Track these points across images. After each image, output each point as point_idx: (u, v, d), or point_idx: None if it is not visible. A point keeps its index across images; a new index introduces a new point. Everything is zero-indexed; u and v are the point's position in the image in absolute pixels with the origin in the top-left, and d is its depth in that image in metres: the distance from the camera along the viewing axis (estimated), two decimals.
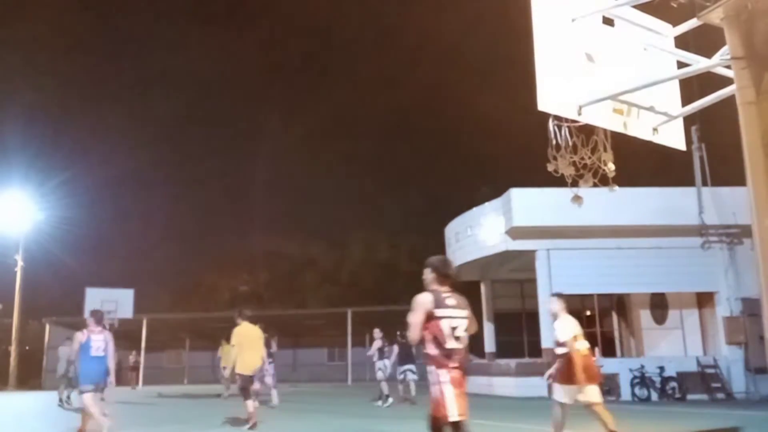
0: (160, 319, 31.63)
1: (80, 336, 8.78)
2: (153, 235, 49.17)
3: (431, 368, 4.72)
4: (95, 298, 24.16)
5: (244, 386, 10.10)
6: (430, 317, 4.71)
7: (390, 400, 14.63)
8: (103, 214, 53.89)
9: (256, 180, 57.10)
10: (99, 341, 8.79)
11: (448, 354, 4.62)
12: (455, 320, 4.70)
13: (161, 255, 45.65)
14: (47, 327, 30.10)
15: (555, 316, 7.59)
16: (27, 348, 31.49)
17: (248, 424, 9.83)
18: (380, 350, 15.16)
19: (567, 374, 7.18)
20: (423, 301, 4.75)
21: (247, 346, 10.13)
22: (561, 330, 7.33)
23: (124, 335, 25.84)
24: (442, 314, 4.67)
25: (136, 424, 12.07)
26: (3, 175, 42.18)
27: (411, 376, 15.26)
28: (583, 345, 7.32)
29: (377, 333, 15.42)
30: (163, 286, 41.61)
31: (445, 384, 4.58)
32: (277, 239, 44.99)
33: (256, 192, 54.41)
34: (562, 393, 7.27)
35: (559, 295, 7.77)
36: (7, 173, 44.54)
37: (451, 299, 4.82)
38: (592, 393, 7.26)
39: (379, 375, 14.92)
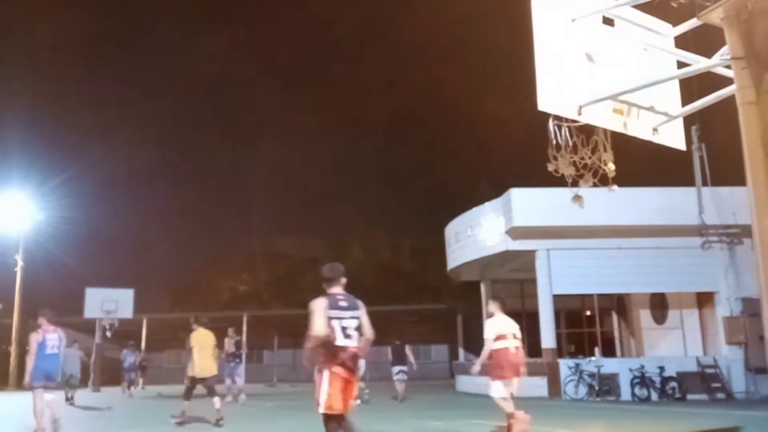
0: (160, 319, 31.62)
1: (36, 336, 9.13)
2: (153, 235, 49.21)
3: (321, 364, 5.18)
4: (95, 298, 24.20)
5: (191, 387, 10.73)
6: (326, 318, 5.15)
7: (361, 400, 14.84)
8: (103, 214, 53.95)
9: (256, 180, 57.10)
10: (53, 339, 9.18)
11: (338, 351, 5.06)
12: (346, 320, 5.19)
13: (161, 255, 45.71)
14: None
15: (490, 315, 8.34)
16: (27, 348, 31.45)
17: (176, 419, 10.65)
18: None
19: (500, 367, 8.05)
20: (319, 305, 5.20)
21: (201, 351, 10.66)
22: (486, 329, 8.19)
23: (124, 335, 25.85)
24: (335, 315, 5.15)
25: (136, 424, 12.07)
26: (3, 175, 42.20)
27: (402, 377, 16.35)
28: (509, 343, 8.08)
29: None
30: (163, 286, 41.64)
31: (329, 379, 5.08)
32: (277, 239, 45.06)
33: (256, 192, 54.43)
34: (497, 389, 8.15)
35: (497, 298, 8.63)
36: (7, 173, 44.57)
37: (344, 301, 5.31)
38: (514, 385, 8.19)
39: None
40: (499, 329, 8.17)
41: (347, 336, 5.15)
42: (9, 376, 28.71)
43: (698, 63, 11.62)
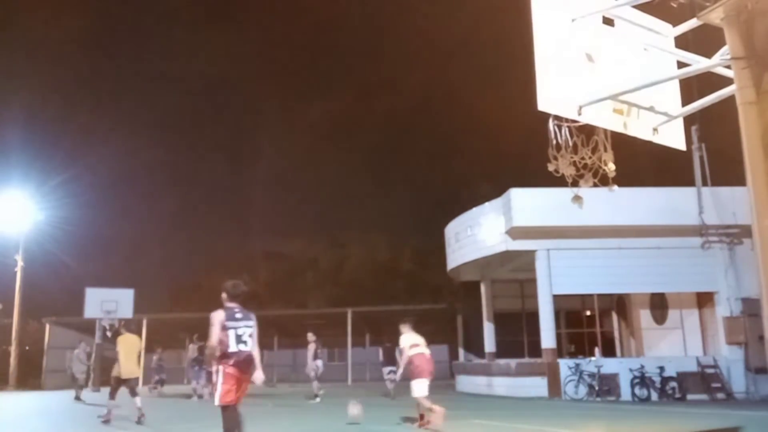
0: (160, 319, 31.59)
1: None
2: (153, 235, 49.19)
3: (218, 366, 6.14)
4: (95, 298, 24.17)
5: (115, 387, 11.56)
6: (223, 328, 6.12)
7: (318, 399, 16.24)
8: (103, 214, 53.92)
9: (256, 180, 57.10)
10: None
11: (231, 355, 6.06)
12: (240, 329, 6.16)
13: (161, 255, 45.68)
14: (47, 327, 30.04)
15: (402, 333, 10.04)
16: (27, 348, 31.44)
17: (102, 417, 11.46)
18: (314, 352, 16.79)
19: (413, 372, 9.56)
20: (217, 317, 6.18)
21: (127, 354, 11.40)
22: (402, 342, 9.97)
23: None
24: (230, 325, 6.13)
25: (136, 424, 12.07)
26: (3, 175, 42.21)
27: (392, 376, 16.81)
28: (422, 350, 9.73)
29: (311, 336, 16.87)
30: (163, 286, 41.61)
31: (224, 376, 6.05)
32: (278, 239, 45.06)
33: (257, 192, 54.44)
34: (420, 386, 9.51)
35: (407, 319, 10.25)
36: (7, 173, 44.58)
37: (239, 314, 6.25)
38: (422, 386, 9.60)
39: (312, 375, 16.75)
40: (412, 340, 9.81)
41: (241, 342, 6.13)
42: (9, 376, 28.67)
43: (698, 63, 11.63)
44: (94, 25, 62.95)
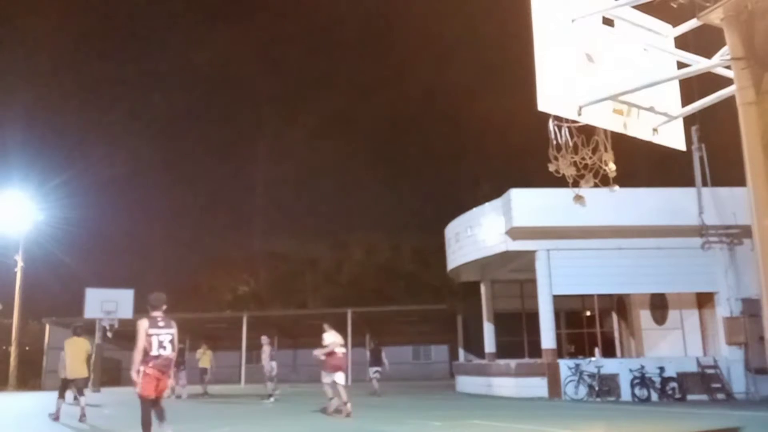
0: None
1: None
2: (153, 235, 49.15)
3: (140, 367, 7.22)
4: (95, 298, 24.19)
5: (63, 387, 12.46)
6: (147, 335, 7.24)
7: (272, 399, 17.20)
8: (103, 214, 53.85)
9: (256, 180, 57.08)
10: None
11: (152, 359, 7.20)
12: (162, 336, 7.29)
13: (161, 255, 45.65)
14: (47, 327, 30.06)
15: (325, 331, 12.33)
16: (27, 348, 31.45)
17: (52, 416, 12.23)
18: (270, 354, 17.94)
19: (330, 366, 11.92)
20: (143, 325, 7.29)
21: (73, 356, 12.24)
22: (325, 340, 12.14)
23: (125, 335, 25.81)
24: (153, 332, 7.27)
25: (136, 424, 12.07)
26: (3, 175, 42.21)
27: (377, 376, 19.05)
28: (339, 350, 12.13)
29: (265, 339, 18.17)
30: (163, 287, 41.46)
31: (144, 375, 7.18)
32: (278, 240, 45.00)
33: (257, 192, 54.43)
34: (339, 377, 11.97)
35: (330, 323, 12.69)
36: (7, 173, 44.58)
37: (161, 322, 7.39)
38: (340, 377, 12.00)
39: (267, 375, 17.69)
40: (333, 340, 12.10)
41: (162, 347, 7.25)
42: (9, 376, 28.67)
43: (698, 63, 11.63)
44: (94, 25, 62.97)
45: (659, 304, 19.29)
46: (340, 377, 11.92)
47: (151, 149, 59.49)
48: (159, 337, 7.24)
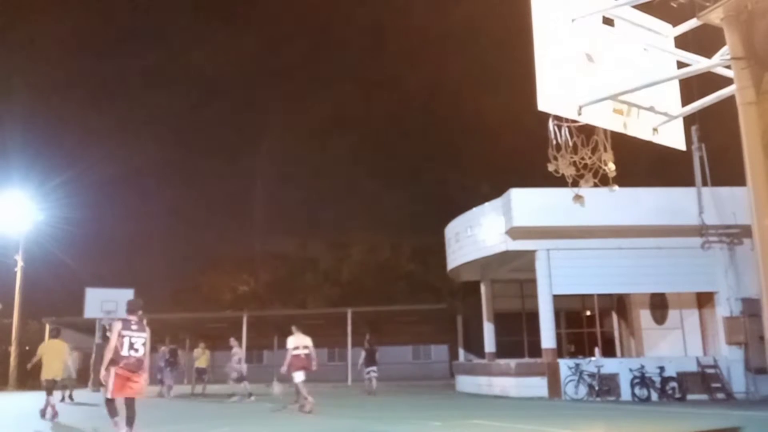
0: (160, 319, 31.58)
1: None
2: (153, 235, 49.16)
3: (110, 367, 7.59)
4: (95, 298, 24.13)
5: (48, 387, 12.56)
6: (119, 336, 7.60)
7: (235, 398, 17.81)
8: (103, 214, 53.88)
9: (256, 180, 57.09)
10: None
11: (122, 359, 7.56)
12: (134, 338, 7.67)
13: (161, 255, 45.66)
14: (47, 327, 30.04)
15: (292, 332, 13.26)
16: (27, 348, 31.41)
17: (47, 415, 12.39)
18: (240, 359, 18.68)
19: (293, 366, 12.82)
20: (116, 326, 7.70)
21: (50, 357, 12.62)
22: (289, 343, 13.12)
23: None
24: (126, 334, 7.65)
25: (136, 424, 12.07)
26: (3, 175, 42.21)
27: (373, 375, 19.35)
28: (301, 351, 12.99)
29: (233, 342, 19.06)
30: (163, 286, 41.58)
31: (114, 376, 7.54)
32: (278, 239, 45.00)
33: (257, 192, 54.41)
34: (298, 377, 12.81)
35: (298, 324, 13.63)
36: (7, 173, 44.58)
37: (135, 325, 7.78)
38: (299, 376, 12.82)
39: (234, 375, 18.30)
40: (296, 342, 13.02)
41: (133, 349, 7.62)
42: (9, 376, 28.67)
43: (698, 63, 11.63)
44: (94, 25, 62.97)
45: (659, 304, 19.29)
46: (299, 376, 12.80)
47: (151, 149, 59.53)
48: (131, 338, 7.65)
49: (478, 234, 18.69)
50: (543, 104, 10.20)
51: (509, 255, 17.98)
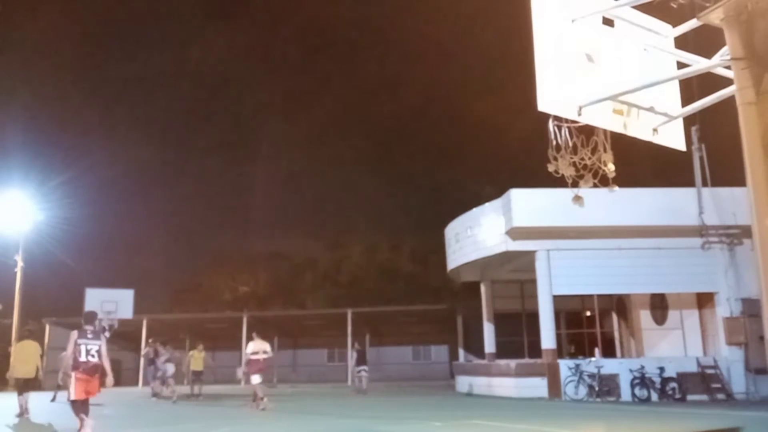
0: (160, 319, 31.59)
1: None
2: (153, 235, 49.16)
3: (71, 372, 8.52)
4: (95, 298, 24.08)
5: (19, 387, 13.12)
6: (75, 344, 8.53)
7: (154, 399, 19.05)
8: (103, 214, 53.84)
9: (256, 180, 57.10)
10: None
11: (80, 364, 8.49)
12: (89, 345, 8.60)
13: (161, 255, 45.67)
14: (47, 327, 30.05)
15: (252, 339, 14.82)
16: None
17: (20, 415, 12.89)
18: (168, 360, 19.82)
19: (253, 368, 14.36)
20: (73, 336, 8.61)
21: (22, 359, 13.13)
22: (249, 348, 14.69)
23: (124, 336, 25.83)
24: (81, 342, 8.58)
25: (136, 424, 12.08)
26: (3, 175, 42.17)
27: (364, 374, 20.64)
28: (259, 355, 14.47)
29: (157, 345, 20.56)
30: (163, 287, 41.59)
31: (75, 380, 8.45)
32: (278, 240, 45.02)
33: (257, 192, 54.42)
34: (255, 378, 14.33)
35: (258, 332, 15.19)
36: (7, 173, 44.52)
37: (90, 334, 8.71)
38: (256, 378, 14.30)
39: (159, 375, 19.67)
40: (255, 348, 14.54)
41: (89, 355, 8.56)
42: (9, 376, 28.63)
43: (698, 63, 11.62)
44: (94, 25, 62.98)
45: (659, 305, 19.28)
46: (257, 378, 14.32)
47: (151, 149, 59.52)
48: (87, 346, 8.61)
49: (478, 234, 18.68)
50: (543, 105, 10.20)
51: (509, 255, 17.97)
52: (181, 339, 33.48)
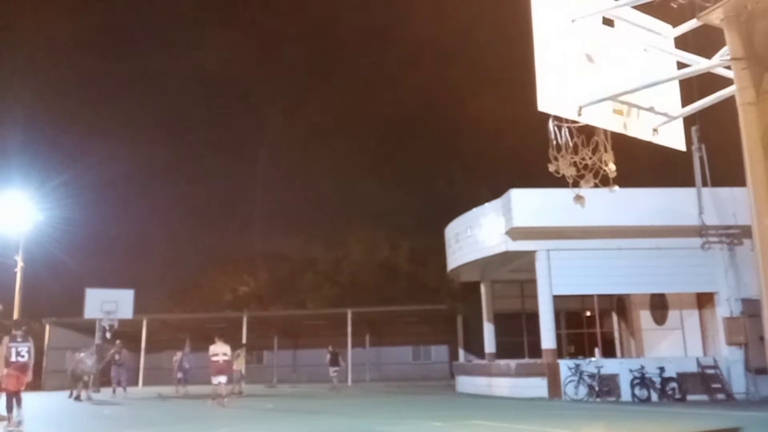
0: (160, 320, 31.59)
1: None
2: (153, 235, 49.19)
3: (5, 369, 10.41)
4: (95, 298, 24.13)
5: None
6: (7, 347, 10.36)
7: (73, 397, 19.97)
8: (103, 214, 53.90)
9: (256, 180, 57.10)
10: None
11: (12, 364, 10.40)
12: (19, 348, 10.60)
13: (161, 255, 45.68)
14: (47, 327, 30.06)
15: (214, 343, 15.79)
16: None
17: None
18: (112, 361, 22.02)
19: (213, 371, 15.45)
20: (5, 340, 10.40)
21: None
22: (210, 350, 15.70)
23: (124, 336, 25.81)
24: (12, 345, 10.54)
25: (136, 424, 12.09)
26: (3, 175, 42.20)
27: (335, 374, 23.32)
28: (219, 357, 15.58)
29: (117, 347, 22.25)
30: (163, 287, 41.61)
31: (8, 375, 10.34)
32: (277, 240, 45.07)
33: (257, 192, 54.42)
34: (214, 379, 15.35)
35: (219, 336, 16.08)
36: (7, 173, 44.52)
37: (20, 338, 10.65)
38: (220, 379, 15.46)
39: (82, 374, 20.58)
40: (216, 350, 15.63)
41: (19, 356, 10.53)
42: None
43: (698, 63, 11.62)
44: (94, 25, 63.00)
45: (659, 305, 19.29)
46: (220, 379, 15.54)
47: (152, 149, 59.57)
48: (17, 348, 10.56)
49: (478, 234, 18.68)
50: (543, 105, 10.20)
51: (509, 255, 17.98)
52: (182, 339, 33.50)
